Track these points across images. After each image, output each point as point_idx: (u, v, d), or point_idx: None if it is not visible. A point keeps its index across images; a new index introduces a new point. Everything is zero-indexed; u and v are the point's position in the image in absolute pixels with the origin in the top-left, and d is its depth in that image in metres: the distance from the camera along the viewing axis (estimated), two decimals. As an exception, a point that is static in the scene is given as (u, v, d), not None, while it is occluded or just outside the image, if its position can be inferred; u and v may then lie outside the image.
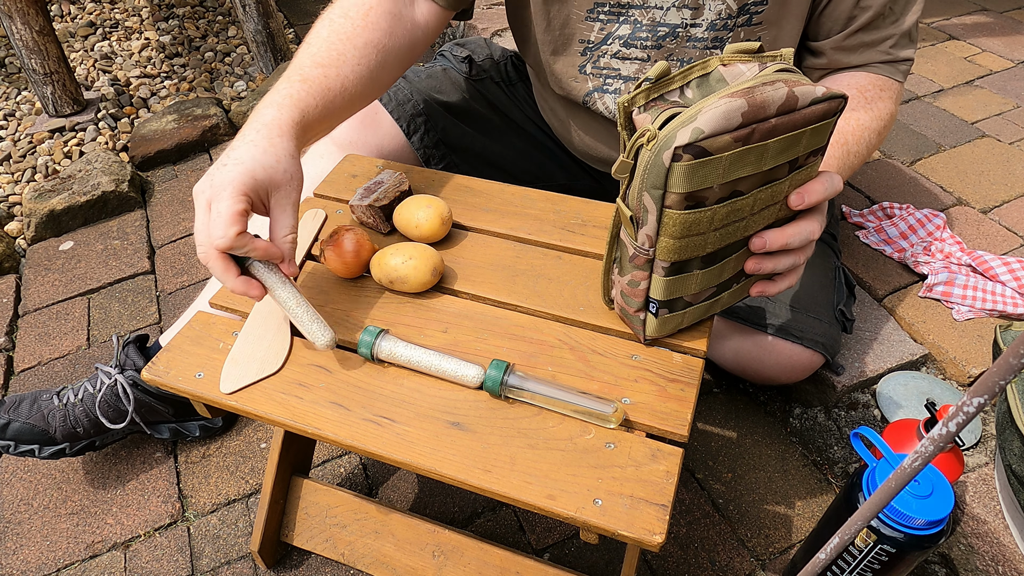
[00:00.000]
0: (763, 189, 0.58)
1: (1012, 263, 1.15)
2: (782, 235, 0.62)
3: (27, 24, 1.70)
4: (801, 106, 0.54)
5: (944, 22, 2.05)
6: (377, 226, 0.81)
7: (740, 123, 0.52)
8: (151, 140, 1.73)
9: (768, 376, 1.00)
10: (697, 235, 0.58)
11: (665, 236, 0.57)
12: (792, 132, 0.54)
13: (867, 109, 0.83)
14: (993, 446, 0.96)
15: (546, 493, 0.57)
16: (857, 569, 0.75)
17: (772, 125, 0.53)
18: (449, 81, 1.09)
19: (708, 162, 0.53)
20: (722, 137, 0.52)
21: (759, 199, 0.58)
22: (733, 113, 0.52)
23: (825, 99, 0.55)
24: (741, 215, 0.58)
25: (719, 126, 0.51)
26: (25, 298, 1.40)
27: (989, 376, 0.31)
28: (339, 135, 1.01)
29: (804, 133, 0.55)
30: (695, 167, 0.53)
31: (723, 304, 0.68)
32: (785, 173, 0.58)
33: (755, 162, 0.55)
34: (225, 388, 0.65)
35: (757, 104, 0.52)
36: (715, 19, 0.82)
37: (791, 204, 0.61)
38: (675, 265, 0.60)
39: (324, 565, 0.94)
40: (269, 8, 1.95)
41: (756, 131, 0.53)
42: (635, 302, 0.65)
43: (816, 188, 0.61)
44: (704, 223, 0.57)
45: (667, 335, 0.68)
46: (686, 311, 0.65)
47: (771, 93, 0.53)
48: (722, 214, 0.57)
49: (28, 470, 1.08)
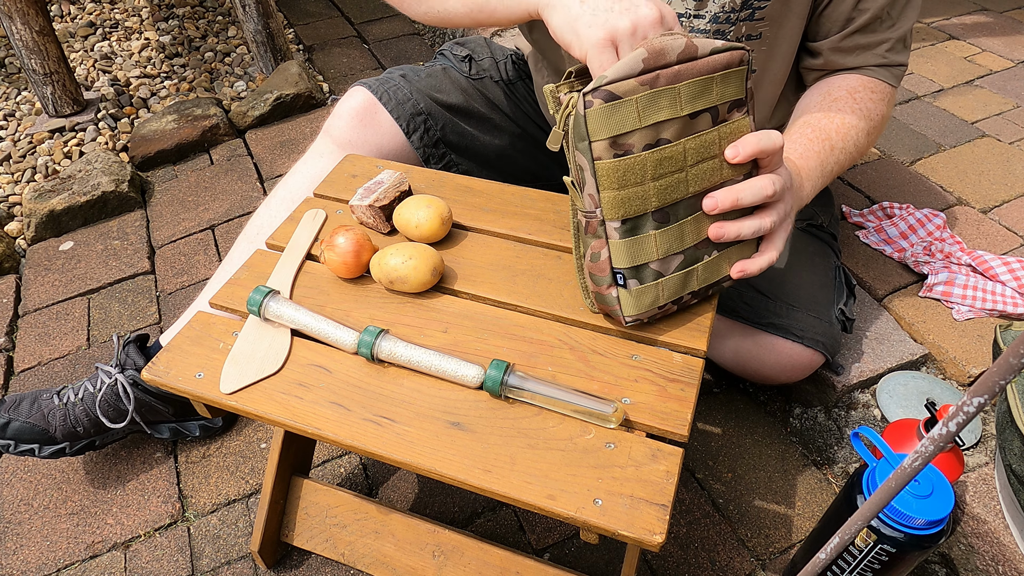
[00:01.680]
0: (690, 139, 0.61)
1: (1012, 263, 1.15)
2: (732, 191, 0.63)
3: (27, 24, 1.70)
4: (701, 55, 0.60)
5: (944, 22, 2.05)
6: (377, 226, 0.81)
7: (643, 68, 0.58)
8: (151, 140, 1.73)
9: (768, 375, 1.00)
10: (635, 185, 0.61)
11: (604, 190, 0.61)
12: (698, 77, 0.59)
13: (855, 110, 0.84)
14: (993, 446, 0.96)
15: (546, 493, 0.57)
16: (857, 569, 0.75)
17: (676, 71, 0.59)
18: (449, 80, 1.09)
19: (619, 105, 0.58)
20: (627, 81, 0.57)
21: (689, 148, 0.61)
22: (634, 60, 0.58)
23: (725, 49, 0.61)
24: (676, 165, 0.61)
25: (622, 72, 0.57)
26: (25, 298, 1.40)
27: (989, 376, 0.31)
28: (339, 134, 1.01)
29: (713, 80, 0.60)
30: (608, 110, 0.58)
31: (700, 278, 0.67)
32: (709, 124, 0.62)
33: (669, 106, 0.59)
34: (225, 388, 0.65)
35: (656, 50, 0.58)
36: (718, 12, 0.83)
37: (726, 155, 0.63)
38: (627, 224, 0.62)
39: (324, 565, 0.94)
40: (269, 8, 1.95)
41: (661, 76, 0.58)
42: (603, 278, 0.65)
43: (748, 139, 0.63)
44: (637, 171, 0.60)
45: (647, 314, 0.66)
46: (659, 282, 0.65)
47: (669, 41, 0.59)
48: (653, 161, 0.60)
49: (28, 470, 1.08)
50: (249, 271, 0.78)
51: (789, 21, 0.85)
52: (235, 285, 0.76)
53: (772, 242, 0.68)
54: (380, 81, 1.04)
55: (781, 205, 0.67)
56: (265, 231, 0.99)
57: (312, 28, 2.30)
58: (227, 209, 1.58)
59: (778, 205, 0.66)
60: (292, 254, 0.79)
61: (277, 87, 1.85)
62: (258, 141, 1.79)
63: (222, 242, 1.49)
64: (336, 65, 2.11)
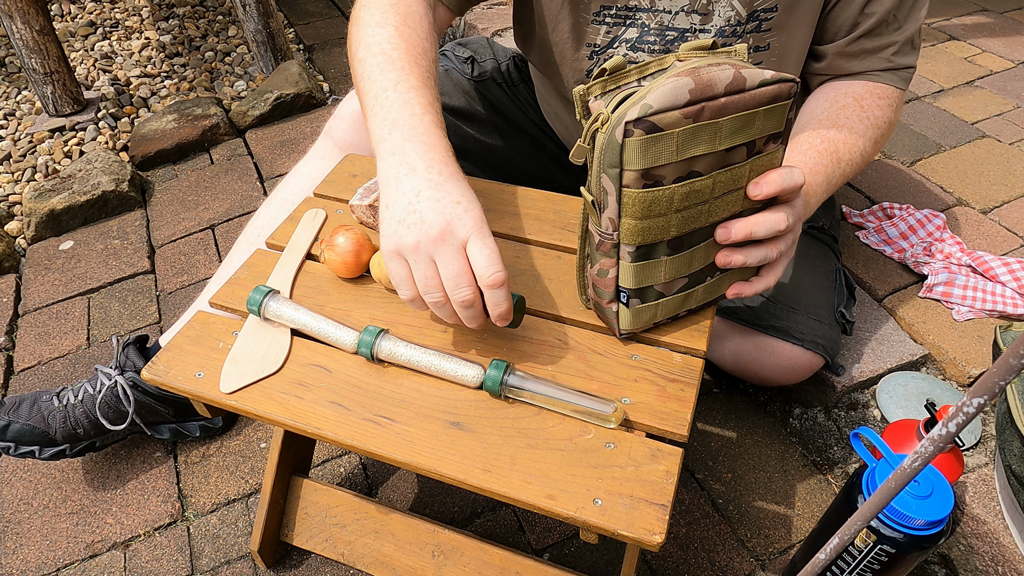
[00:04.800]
0: (722, 172, 0.59)
1: (1012, 263, 1.15)
2: (746, 224, 0.62)
3: (27, 23, 1.70)
4: (750, 87, 0.56)
5: (944, 22, 2.05)
6: (377, 226, 0.81)
7: (688, 100, 0.54)
8: (151, 140, 1.73)
9: (768, 377, 1.00)
10: (658, 216, 0.59)
11: (627, 217, 0.59)
12: (743, 112, 0.56)
13: (862, 119, 0.83)
14: (993, 446, 0.96)
15: (546, 493, 0.57)
16: (857, 569, 0.75)
17: (722, 104, 0.55)
18: (451, 82, 1.09)
19: (660, 138, 0.54)
20: (671, 113, 0.54)
21: (719, 182, 0.59)
22: (680, 90, 0.54)
23: (774, 81, 0.57)
24: (702, 197, 0.59)
25: (667, 102, 0.54)
26: (25, 298, 1.40)
27: (989, 376, 0.31)
28: (340, 136, 1.01)
29: (756, 114, 0.57)
30: (647, 142, 0.54)
31: (698, 299, 0.67)
32: (743, 157, 0.59)
33: (709, 141, 0.56)
34: (225, 388, 0.65)
35: (703, 82, 0.54)
36: (724, 25, 0.82)
37: (749, 192, 0.62)
38: (641, 250, 0.61)
39: (324, 565, 0.94)
40: (269, 8, 1.95)
41: (706, 109, 0.55)
42: (606, 293, 0.65)
43: (773, 177, 0.61)
44: (663, 203, 0.58)
45: (642, 328, 0.67)
46: (659, 302, 0.65)
47: (717, 73, 0.55)
48: (681, 194, 0.58)
49: (28, 470, 1.08)
50: (249, 271, 0.78)
51: (797, 30, 0.83)
52: (235, 285, 0.76)
53: (774, 269, 0.68)
54: (381, 82, 1.04)
55: (790, 235, 0.66)
56: (265, 232, 0.99)
57: (312, 28, 2.30)
58: (227, 209, 1.58)
59: (787, 235, 0.66)
60: (292, 254, 0.79)
61: (277, 87, 1.85)
62: (258, 141, 1.79)
63: (222, 242, 1.49)
64: (336, 65, 2.11)
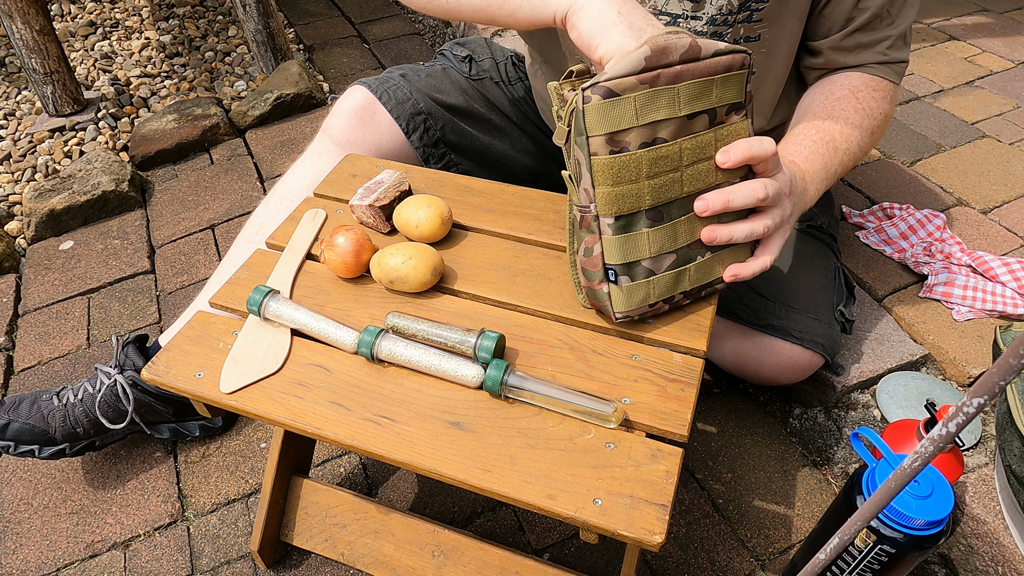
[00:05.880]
0: (687, 139, 0.61)
1: (1012, 263, 1.15)
2: (723, 193, 0.63)
3: (27, 23, 1.70)
4: (704, 56, 0.59)
5: (944, 22, 2.05)
6: (377, 226, 0.81)
7: (644, 66, 0.57)
8: (151, 140, 1.73)
9: (767, 377, 1.00)
10: (630, 183, 0.61)
11: (600, 186, 0.61)
12: (699, 79, 0.59)
13: (858, 110, 0.84)
14: (993, 446, 0.96)
15: (546, 493, 0.57)
16: (857, 569, 0.75)
17: (677, 71, 0.58)
18: (449, 81, 1.09)
19: (618, 102, 0.58)
20: (627, 79, 0.57)
21: (684, 148, 0.61)
22: (636, 57, 0.57)
23: (728, 51, 0.60)
24: (671, 164, 0.61)
25: (622, 69, 0.57)
26: (25, 297, 1.40)
27: (989, 376, 0.31)
28: (337, 134, 1.01)
29: (713, 82, 0.60)
30: (606, 106, 0.58)
31: (692, 279, 0.67)
32: (706, 125, 0.62)
33: (668, 106, 0.59)
34: (225, 388, 0.65)
35: (659, 48, 0.58)
36: (715, 14, 0.83)
37: (717, 161, 0.63)
38: (620, 220, 0.62)
39: (324, 565, 0.94)
40: (269, 8, 1.95)
41: (661, 75, 0.58)
42: (595, 274, 0.65)
43: (740, 144, 0.63)
44: (632, 168, 0.60)
45: (637, 311, 0.66)
46: (650, 280, 0.65)
47: (674, 40, 0.58)
48: (649, 159, 0.60)
49: (28, 470, 1.08)
50: (249, 271, 0.78)
51: (788, 22, 0.85)
52: (235, 285, 0.76)
53: (768, 247, 0.68)
54: (380, 80, 1.04)
55: (777, 210, 0.66)
56: (264, 231, 0.99)
57: (312, 28, 2.30)
58: (227, 209, 1.58)
59: (774, 210, 0.66)
60: (292, 254, 0.79)
61: (277, 87, 1.85)
62: (258, 141, 1.79)
63: (222, 242, 1.49)
64: (336, 65, 2.11)
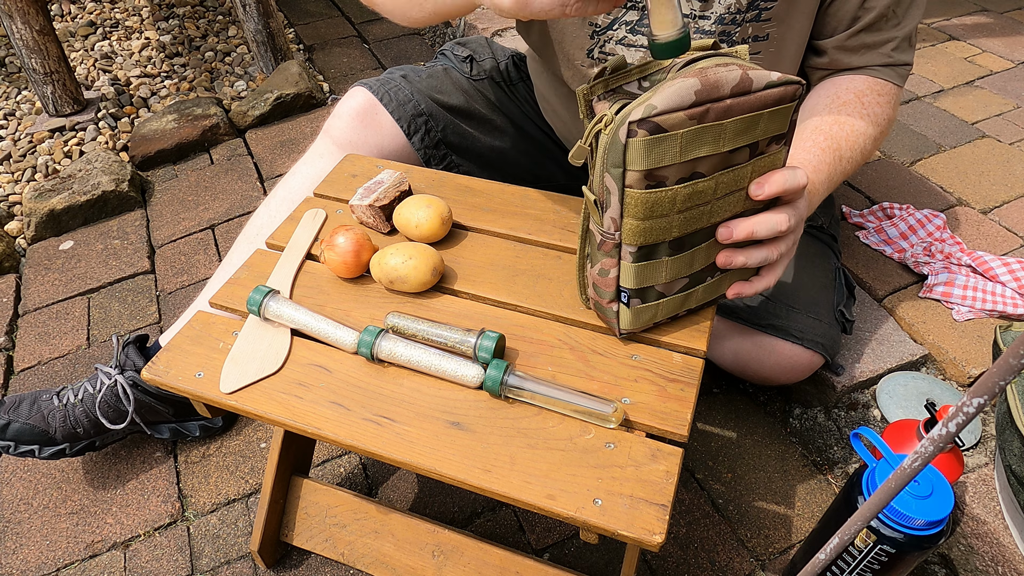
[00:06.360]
0: (724, 173, 0.58)
1: (1012, 263, 1.15)
2: (748, 224, 0.62)
3: (27, 23, 1.70)
4: (756, 88, 0.56)
5: (944, 22, 2.05)
6: (377, 226, 0.81)
7: (694, 101, 0.53)
8: (151, 140, 1.73)
9: (767, 376, 1.00)
10: (661, 217, 0.58)
11: (629, 217, 0.58)
12: (748, 114, 0.56)
13: (863, 115, 0.83)
14: (993, 446, 0.96)
15: (546, 493, 0.57)
16: (857, 569, 0.75)
17: (727, 105, 0.55)
18: (450, 81, 1.09)
19: (664, 138, 0.54)
20: (676, 114, 0.53)
21: (721, 183, 0.59)
22: (686, 91, 0.53)
23: (780, 83, 0.56)
24: (704, 198, 0.59)
25: (672, 103, 0.53)
26: (25, 298, 1.40)
27: (989, 376, 0.31)
28: (339, 135, 1.01)
29: (761, 116, 0.57)
30: (651, 143, 0.54)
31: (698, 299, 0.67)
32: (746, 158, 0.59)
33: (712, 142, 0.56)
34: (225, 388, 0.65)
35: (710, 83, 0.54)
36: (724, 13, 0.82)
37: (751, 193, 0.61)
38: (642, 250, 0.61)
39: (324, 565, 0.94)
40: (269, 8, 1.95)
41: (711, 110, 0.54)
42: (607, 293, 0.65)
43: (776, 178, 0.61)
44: (666, 204, 0.58)
45: (642, 328, 0.67)
46: (660, 302, 0.65)
47: (724, 74, 0.54)
48: (684, 195, 0.58)
49: (28, 470, 1.08)
50: (249, 271, 0.78)
51: (797, 21, 0.84)
52: (235, 285, 0.76)
53: (774, 270, 0.68)
54: (381, 82, 1.04)
55: (792, 236, 0.66)
56: (265, 231, 0.99)
57: (312, 28, 2.30)
58: (227, 209, 1.58)
59: (789, 236, 0.66)
60: (292, 254, 0.79)
61: (277, 87, 1.85)
62: (258, 141, 1.79)
63: (222, 242, 1.49)
64: (336, 65, 2.11)
